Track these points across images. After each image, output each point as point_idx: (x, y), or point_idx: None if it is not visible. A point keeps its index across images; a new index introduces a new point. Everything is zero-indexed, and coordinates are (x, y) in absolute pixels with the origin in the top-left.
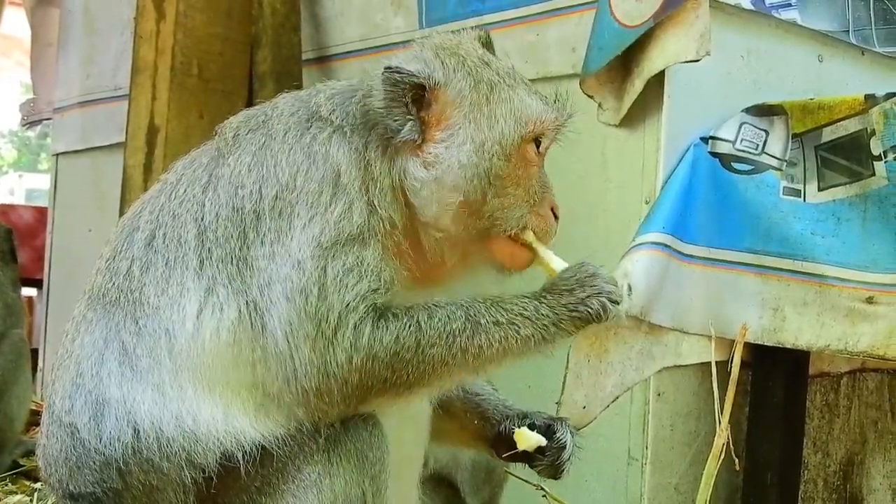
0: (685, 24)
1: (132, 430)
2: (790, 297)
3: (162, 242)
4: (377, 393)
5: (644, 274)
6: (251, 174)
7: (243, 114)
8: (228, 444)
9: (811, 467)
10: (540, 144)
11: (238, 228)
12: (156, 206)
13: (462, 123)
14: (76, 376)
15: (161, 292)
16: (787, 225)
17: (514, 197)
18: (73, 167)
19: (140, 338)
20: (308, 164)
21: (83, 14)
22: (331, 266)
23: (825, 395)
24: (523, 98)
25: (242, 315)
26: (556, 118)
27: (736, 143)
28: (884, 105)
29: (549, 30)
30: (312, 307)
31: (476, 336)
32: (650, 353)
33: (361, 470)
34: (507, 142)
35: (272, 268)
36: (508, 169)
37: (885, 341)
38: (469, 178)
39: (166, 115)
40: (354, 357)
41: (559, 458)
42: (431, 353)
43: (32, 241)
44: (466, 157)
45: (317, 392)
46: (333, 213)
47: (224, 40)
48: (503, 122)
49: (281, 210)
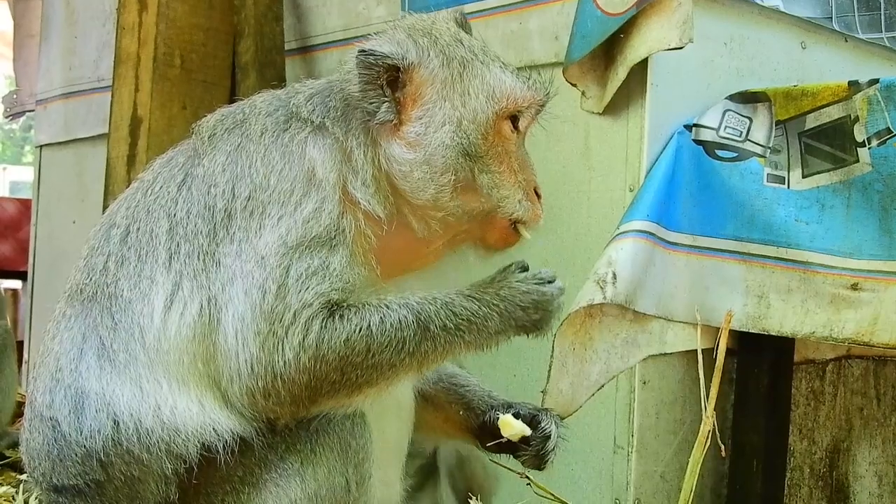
0: (668, 12)
1: (112, 423)
2: (774, 283)
3: (135, 237)
4: (327, 394)
5: (629, 262)
6: (225, 173)
7: (220, 112)
8: (207, 436)
9: (797, 454)
10: (518, 122)
11: (208, 225)
12: (132, 203)
13: (437, 101)
14: (55, 371)
15: (133, 286)
16: (771, 212)
17: (500, 175)
18: (56, 159)
19: (116, 332)
20: (283, 164)
21: (65, 5)
22: (294, 266)
23: (810, 382)
24: (496, 74)
25: (203, 310)
26: (532, 95)
27: (719, 130)
28: (867, 91)
29: (531, 18)
30: (268, 305)
31: (424, 342)
32: (635, 341)
33: (345, 459)
34: (481, 118)
35: (237, 265)
36: (487, 146)
37: (869, 328)
38: (454, 157)
39: (149, 106)
40: (302, 356)
41: (543, 449)
42: (380, 358)
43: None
44: (448, 136)
45: (263, 392)
46: (303, 213)
47: (206, 31)
48: (476, 99)
49: (252, 210)
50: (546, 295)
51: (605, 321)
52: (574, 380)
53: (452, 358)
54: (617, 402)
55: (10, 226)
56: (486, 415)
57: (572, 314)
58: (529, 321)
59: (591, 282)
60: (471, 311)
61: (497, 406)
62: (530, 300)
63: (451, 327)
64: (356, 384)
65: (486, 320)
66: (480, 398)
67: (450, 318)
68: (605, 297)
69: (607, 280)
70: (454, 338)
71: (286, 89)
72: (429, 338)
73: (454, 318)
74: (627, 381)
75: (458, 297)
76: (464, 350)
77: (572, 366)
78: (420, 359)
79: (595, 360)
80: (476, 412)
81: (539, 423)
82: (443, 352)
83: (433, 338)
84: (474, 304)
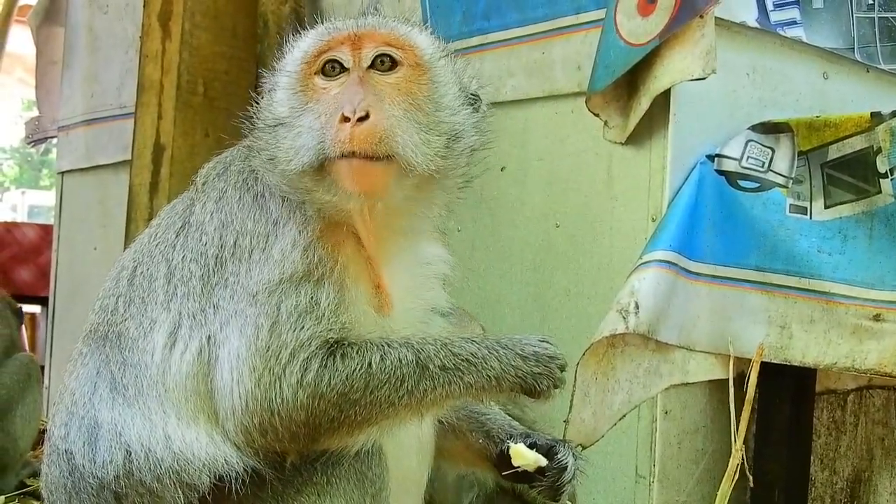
0: (691, 43)
1: (124, 453)
2: (797, 314)
3: (140, 280)
4: (326, 432)
5: (651, 292)
6: (213, 221)
7: (215, 160)
8: (218, 467)
9: (818, 484)
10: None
11: (202, 270)
12: (139, 246)
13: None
14: (71, 405)
15: (138, 325)
16: (794, 242)
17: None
18: (78, 185)
19: (125, 369)
20: (257, 209)
21: (87, 32)
22: (284, 304)
23: (832, 413)
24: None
25: (203, 350)
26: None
27: (742, 160)
28: (890, 122)
29: (554, 48)
30: (263, 342)
31: (423, 380)
32: (657, 371)
33: (361, 489)
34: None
35: (231, 306)
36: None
37: (892, 358)
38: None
39: (172, 134)
40: (300, 394)
41: (559, 480)
42: (378, 395)
43: (37, 258)
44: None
45: (259, 428)
46: (275, 254)
47: (229, 59)
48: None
49: (240, 256)
50: (548, 350)
51: (627, 351)
52: (596, 409)
53: (454, 400)
54: (639, 431)
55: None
56: (503, 443)
57: (595, 344)
58: (530, 374)
59: (614, 311)
60: (470, 352)
61: (515, 435)
62: (532, 351)
63: (451, 367)
64: (355, 421)
65: (485, 361)
66: (500, 427)
67: (449, 357)
68: (627, 327)
69: (630, 310)
70: (453, 378)
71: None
72: (427, 376)
73: (453, 357)
74: (649, 410)
75: (458, 339)
76: (464, 392)
77: (595, 395)
78: (419, 397)
79: (617, 390)
80: (495, 441)
81: (556, 455)
82: (442, 392)
83: (432, 376)
84: (474, 346)
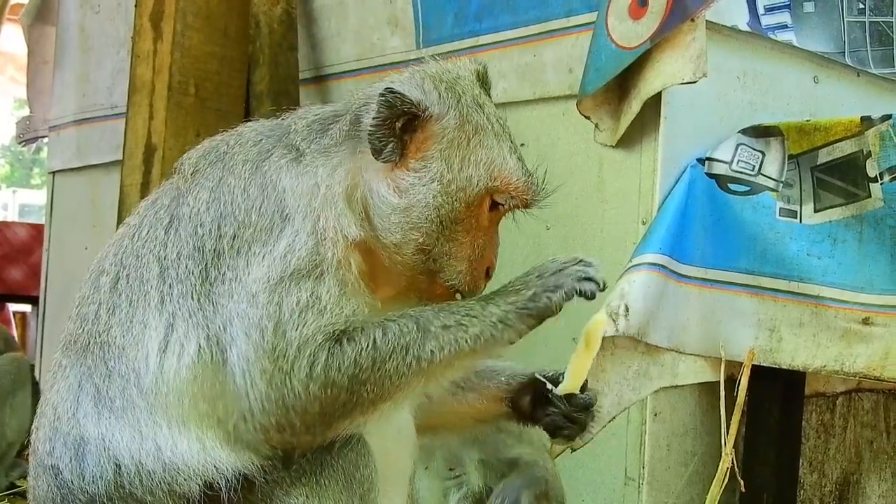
0: (682, 46)
1: (113, 467)
2: (786, 317)
3: (126, 283)
4: (340, 417)
5: (641, 294)
6: (209, 212)
7: (203, 146)
8: (209, 474)
9: (807, 487)
10: (498, 205)
11: (199, 266)
12: (119, 248)
13: (437, 158)
14: (54, 420)
15: (126, 332)
16: (784, 246)
17: (461, 246)
18: (69, 185)
19: (111, 380)
20: (262, 199)
21: (79, 32)
22: (285, 302)
23: (821, 416)
24: (502, 151)
25: (203, 350)
26: (525, 185)
27: (732, 164)
28: (880, 127)
29: (545, 51)
30: (269, 343)
31: (427, 343)
32: (647, 373)
33: (350, 490)
34: (471, 189)
35: (232, 305)
36: (464, 216)
37: (881, 362)
38: (431, 218)
39: (163, 134)
40: (312, 386)
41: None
42: (387, 368)
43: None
44: (432, 195)
45: (277, 427)
46: (280, 249)
47: (221, 59)
48: (474, 168)
49: (239, 248)
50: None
51: (617, 353)
52: None
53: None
54: (628, 433)
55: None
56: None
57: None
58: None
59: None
60: (468, 307)
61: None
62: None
63: (452, 324)
64: (368, 400)
65: (484, 309)
66: (511, 367)
67: (448, 316)
68: (617, 330)
69: (619, 312)
70: (458, 333)
71: (286, 114)
72: (430, 338)
73: (452, 315)
74: (639, 412)
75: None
76: (473, 345)
77: None
78: (428, 361)
79: (607, 393)
80: (519, 378)
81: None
82: (450, 351)
83: (436, 337)
84: (471, 301)
